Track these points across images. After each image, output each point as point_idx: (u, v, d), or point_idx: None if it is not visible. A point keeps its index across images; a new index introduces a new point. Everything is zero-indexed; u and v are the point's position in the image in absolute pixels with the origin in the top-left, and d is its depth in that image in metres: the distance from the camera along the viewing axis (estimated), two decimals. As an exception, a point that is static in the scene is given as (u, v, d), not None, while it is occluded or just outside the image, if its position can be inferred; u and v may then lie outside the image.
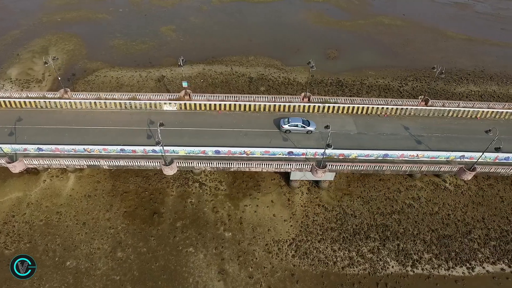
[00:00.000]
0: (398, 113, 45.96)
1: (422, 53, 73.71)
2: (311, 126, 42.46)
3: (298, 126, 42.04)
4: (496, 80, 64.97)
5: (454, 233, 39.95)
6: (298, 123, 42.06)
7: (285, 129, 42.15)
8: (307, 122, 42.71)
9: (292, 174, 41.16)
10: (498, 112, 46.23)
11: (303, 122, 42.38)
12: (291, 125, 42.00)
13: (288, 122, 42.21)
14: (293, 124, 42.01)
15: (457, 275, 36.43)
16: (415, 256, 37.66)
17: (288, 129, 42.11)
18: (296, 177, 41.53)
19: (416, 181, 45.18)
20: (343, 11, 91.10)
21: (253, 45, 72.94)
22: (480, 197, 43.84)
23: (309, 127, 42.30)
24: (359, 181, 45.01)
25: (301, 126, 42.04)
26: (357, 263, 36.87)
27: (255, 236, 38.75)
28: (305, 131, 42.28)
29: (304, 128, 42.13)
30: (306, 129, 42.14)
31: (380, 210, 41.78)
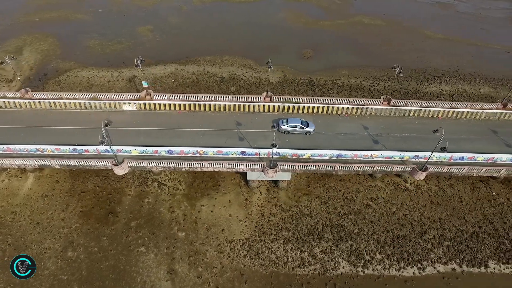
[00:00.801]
0: (359, 112, 45.93)
1: (399, 52, 73.57)
2: (310, 127, 42.30)
3: (297, 127, 41.89)
4: (469, 80, 64.77)
5: (409, 233, 39.87)
6: (297, 124, 41.87)
7: (283, 129, 42.00)
8: (306, 123, 42.51)
9: (249, 174, 41.19)
10: (460, 112, 46.14)
11: (302, 123, 42.20)
12: (290, 126, 41.89)
13: (287, 123, 42.10)
14: (292, 125, 41.85)
15: (408, 276, 36.37)
16: (367, 257, 37.63)
17: (287, 130, 41.96)
18: (253, 177, 41.52)
19: (377, 181, 45.13)
20: (324, 11, 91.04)
21: (229, 45, 72.91)
22: (439, 197, 43.77)
23: (308, 128, 42.16)
24: (319, 181, 44.99)
25: (300, 127, 41.91)
26: (308, 264, 36.84)
27: (209, 236, 38.78)
28: (304, 132, 42.17)
29: (303, 129, 41.99)
30: (305, 130, 42.00)
31: (337, 211, 41.74)
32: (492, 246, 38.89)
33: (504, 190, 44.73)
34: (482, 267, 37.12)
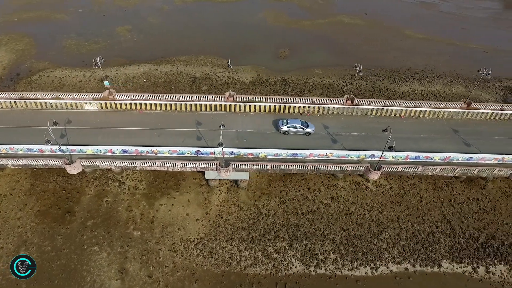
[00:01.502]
0: (321, 112, 45.93)
1: (376, 52, 73.44)
2: (310, 128, 42.48)
3: (297, 128, 42.07)
4: (443, 79, 64.60)
5: (366, 233, 39.79)
6: (297, 125, 42.04)
7: (283, 130, 42.21)
8: (306, 123, 42.67)
9: (207, 173, 41.18)
10: (422, 111, 46.04)
11: (302, 123, 42.33)
12: (289, 126, 42.09)
13: (287, 123, 42.27)
14: (292, 126, 42.04)
15: (360, 275, 36.30)
16: (320, 256, 37.56)
17: (287, 131, 42.16)
18: (211, 177, 41.52)
19: (339, 181, 45.06)
20: (305, 11, 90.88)
21: (206, 45, 72.89)
22: (400, 197, 43.66)
23: (308, 128, 42.33)
24: (281, 181, 44.95)
25: (300, 128, 42.07)
26: (261, 263, 36.79)
27: (164, 235, 38.81)
28: (304, 133, 42.29)
29: (303, 130, 42.13)
30: (304, 130, 42.15)
31: (296, 210, 41.70)
32: (447, 245, 38.81)
33: (465, 189, 44.59)
34: (435, 266, 37.03)
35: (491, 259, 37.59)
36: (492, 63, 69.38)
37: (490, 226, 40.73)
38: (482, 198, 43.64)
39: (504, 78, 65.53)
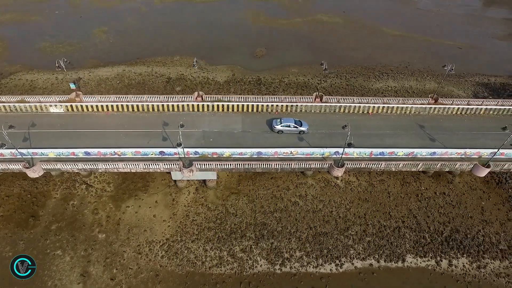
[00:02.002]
0: (289, 110, 46.02)
1: (352, 49, 73.92)
2: (303, 127, 42.47)
3: (291, 127, 42.08)
4: (416, 75, 65.18)
5: (332, 230, 39.96)
6: (291, 124, 42.08)
7: (277, 129, 42.16)
8: (299, 122, 42.69)
9: (173, 174, 41.01)
10: (390, 108, 46.36)
11: (295, 122, 42.40)
12: (283, 125, 42.02)
13: (281, 122, 42.26)
14: (285, 125, 42.02)
15: (324, 272, 36.42)
16: (286, 255, 37.63)
17: (281, 130, 42.12)
18: (178, 177, 41.35)
19: (308, 179, 45.19)
20: (284, 10, 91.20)
21: (183, 46, 72.68)
22: (368, 193, 43.95)
23: (301, 127, 42.33)
24: (250, 180, 44.96)
25: (293, 127, 42.09)
26: (226, 263, 36.75)
27: (129, 237, 38.54)
28: (297, 132, 42.32)
29: (297, 129, 42.15)
30: (298, 129, 42.16)
31: (263, 209, 41.71)
32: (412, 240, 39.16)
33: (433, 184, 45.06)
34: (400, 261, 37.32)
35: (454, 252, 38.06)
36: (466, 59, 71.41)
37: (455, 220, 41.20)
38: (448, 193, 44.14)
39: (477, 74, 66.39)
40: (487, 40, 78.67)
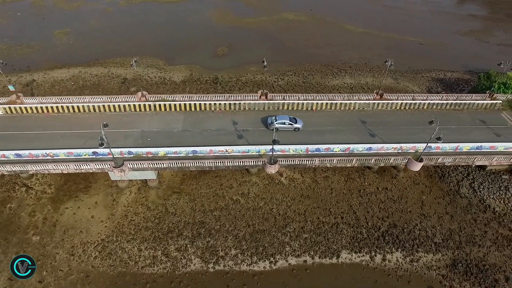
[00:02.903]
0: (233, 108, 45.93)
1: (315, 47, 74.05)
2: (298, 123, 42.77)
3: (286, 124, 42.45)
4: (374, 72, 65.43)
5: (270, 227, 39.89)
6: (286, 121, 42.49)
7: (273, 127, 42.22)
8: (294, 119, 43.14)
9: (111, 174, 40.76)
10: (334, 104, 46.49)
11: (290, 119, 42.74)
12: (278, 122, 42.37)
13: (276, 120, 42.56)
14: (281, 122, 42.43)
15: (257, 270, 36.31)
16: (221, 253, 37.49)
17: (276, 127, 42.12)
18: (116, 178, 41.05)
19: (252, 176, 45.09)
20: (252, 9, 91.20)
21: (144, 46, 72.31)
22: (311, 190, 43.96)
23: (296, 124, 42.62)
24: (194, 179, 44.79)
25: (289, 124, 42.46)
26: (160, 262, 36.50)
27: (64, 239, 38.16)
28: (293, 128, 42.63)
29: (292, 126, 42.49)
30: (293, 126, 42.55)
31: (204, 207, 41.56)
32: (349, 236, 39.22)
33: (377, 180, 45.19)
34: (334, 257, 37.33)
35: (390, 247, 38.19)
36: (426, 55, 71.88)
37: (394, 215, 41.35)
38: (391, 188, 44.32)
39: (435, 69, 66.81)
40: (449, 36, 79.21)
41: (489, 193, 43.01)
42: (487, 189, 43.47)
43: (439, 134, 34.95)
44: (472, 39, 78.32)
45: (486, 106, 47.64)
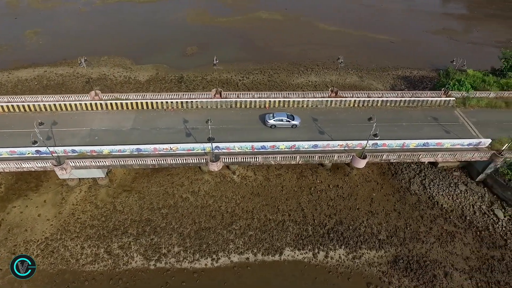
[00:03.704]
0: (185, 106, 45.98)
1: (286, 46, 74.07)
2: (296, 120, 43.12)
3: (283, 121, 42.88)
4: (341, 70, 64.87)
5: (216, 225, 39.87)
6: (283, 118, 42.90)
7: (270, 124, 42.76)
8: (292, 116, 43.42)
9: (58, 173, 40.70)
10: (286, 101, 46.49)
11: (288, 116, 43.03)
12: (276, 120, 42.86)
13: (273, 117, 42.90)
14: (278, 119, 42.87)
15: (199, 267, 36.28)
16: (164, 250, 37.47)
17: (274, 124, 42.77)
18: (64, 176, 41.06)
19: (204, 174, 45.15)
20: (227, 8, 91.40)
21: (114, 45, 72.39)
22: (262, 188, 43.93)
23: (294, 121, 42.89)
24: (147, 177, 44.77)
25: (286, 121, 42.90)
26: (101, 260, 36.43)
27: (8, 237, 38.04)
28: (290, 125, 42.95)
29: (289, 123, 42.87)
30: (291, 123, 42.95)
31: (152, 205, 41.53)
32: (294, 233, 39.17)
33: (329, 177, 45.23)
34: (277, 255, 37.27)
35: (333, 244, 38.21)
36: (395, 53, 72.01)
37: (341, 212, 41.33)
38: (342, 185, 44.34)
39: (402, 67, 66.85)
40: (421, 34, 79.25)
41: (439, 190, 43.08)
42: (437, 186, 43.54)
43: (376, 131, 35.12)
44: (444, 38, 78.39)
45: (440, 103, 47.73)
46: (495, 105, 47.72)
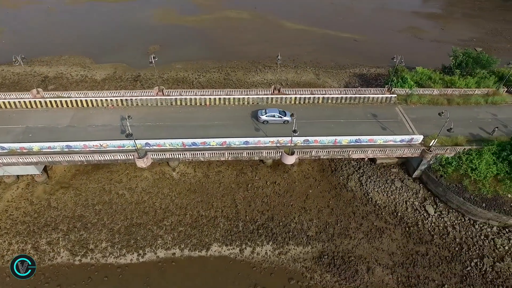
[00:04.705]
0: (125, 104, 46.11)
1: (249, 44, 74.25)
2: (287, 116, 43.70)
3: (275, 117, 43.53)
4: (299, 68, 65.68)
5: (148, 221, 40.01)
6: (275, 114, 43.61)
7: (262, 119, 43.44)
8: (284, 112, 44.22)
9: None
10: (227, 99, 46.60)
11: (280, 112, 43.84)
12: (268, 115, 43.53)
13: (265, 113, 43.63)
14: (270, 115, 43.54)
15: (124, 262, 36.38)
16: (91, 246, 37.66)
17: (266, 120, 43.47)
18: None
19: (144, 171, 45.32)
20: (197, 7, 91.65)
21: (77, 44, 72.59)
22: (199, 185, 44.12)
23: (286, 117, 43.60)
24: (86, 174, 44.92)
25: (278, 116, 43.56)
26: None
27: None
28: (282, 121, 43.68)
29: (281, 118, 43.58)
30: (282, 119, 43.63)
31: (87, 202, 41.70)
32: (224, 229, 39.37)
33: (268, 174, 45.39)
34: (204, 250, 37.50)
35: (262, 240, 38.36)
36: (357, 51, 72.21)
37: (275, 208, 41.51)
38: (280, 182, 44.51)
39: (361, 65, 67.04)
40: (386, 32, 79.47)
41: (374, 187, 43.25)
42: (374, 182, 43.72)
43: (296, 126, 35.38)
44: (408, 36, 78.62)
45: (382, 100, 47.88)
46: (436, 102, 47.88)
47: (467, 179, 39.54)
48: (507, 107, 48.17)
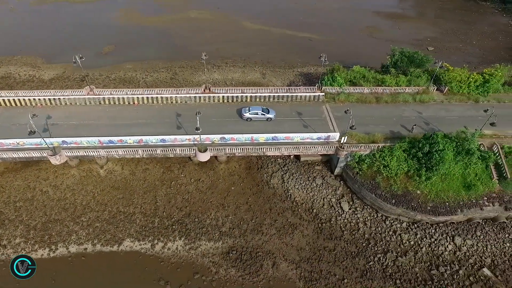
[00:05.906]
0: (54, 103, 46.64)
1: (204, 44, 73.96)
2: (271, 114, 44.38)
3: (259, 114, 44.16)
4: (247, 67, 66.20)
5: (66, 217, 40.61)
6: (258, 111, 44.13)
7: (246, 117, 43.99)
8: (267, 110, 44.71)
9: None
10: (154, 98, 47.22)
11: (263, 110, 44.32)
12: (251, 113, 44.12)
13: (249, 110, 44.08)
14: (254, 112, 44.15)
15: (36, 257, 36.96)
16: (5, 242, 38.25)
17: (249, 117, 44.06)
18: None
19: (72, 169, 45.89)
20: (161, 7, 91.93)
21: (30, 44, 73.01)
22: (124, 182, 44.67)
23: (269, 114, 44.11)
24: (15, 172, 45.39)
25: (261, 114, 44.12)
26: None
27: None
28: (265, 118, 44.16)
29: (264, 116, 44.14)
30: (266, 116, 44.24)
31: (9, 199, 42.22)
32: (140, 225, 39.95)
33: (194, 171, 45.84)
34: (116, 245, 38.13)
35: (174, 236, 38.92)
36: (310, 50, 72.51)
37: (194, 205, 42.09)
38: (204, 179, 45.05)
39: (310, 64, 67.51)
40: (343, 32, 79.87)
41: (296, 184, 43.79)
42: (295, 179, 44.25)
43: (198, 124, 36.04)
44: (364, 35, 79.14)
45: (311, 98, 48.43)
46: (365, 100, 48.43)
47: (379, 176, 40.11)
48: (433, 105, 48.72)
